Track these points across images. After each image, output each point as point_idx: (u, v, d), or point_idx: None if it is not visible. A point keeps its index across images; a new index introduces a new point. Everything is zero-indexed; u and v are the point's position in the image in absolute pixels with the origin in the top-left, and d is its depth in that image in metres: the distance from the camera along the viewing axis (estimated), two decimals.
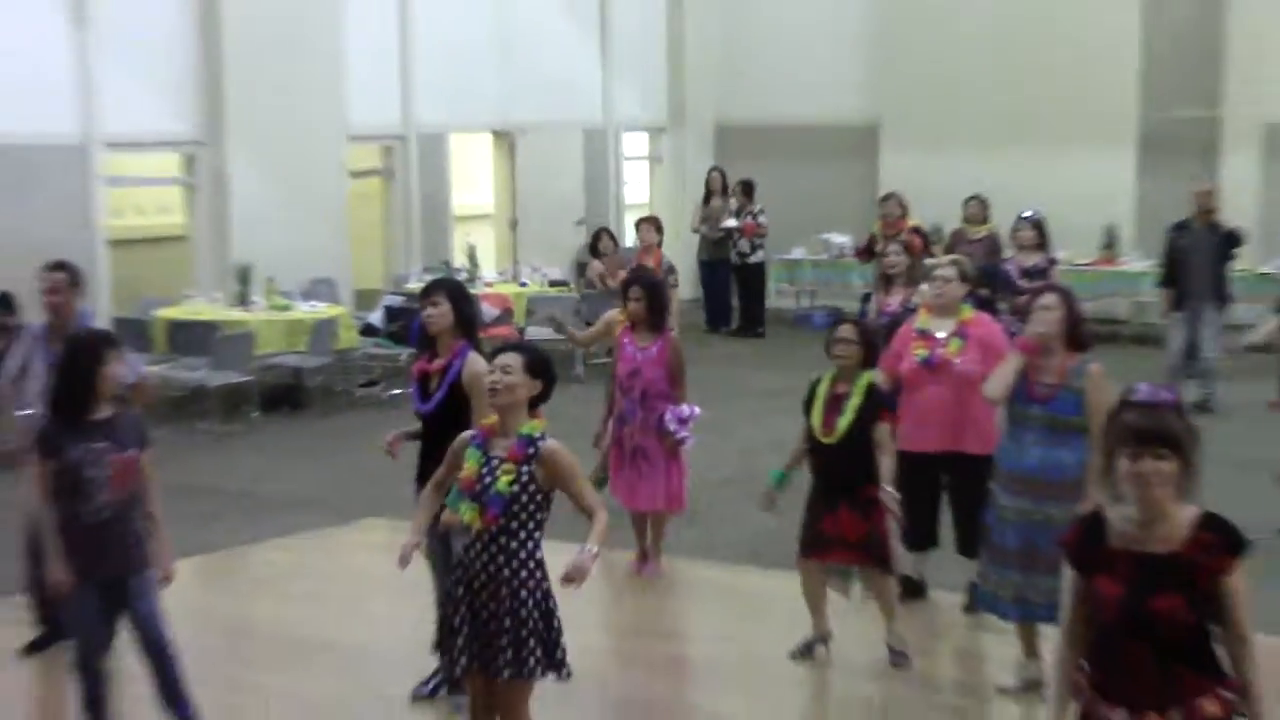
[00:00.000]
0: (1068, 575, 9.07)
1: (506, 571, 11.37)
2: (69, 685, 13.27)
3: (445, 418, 13.75)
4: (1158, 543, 8.59)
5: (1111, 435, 8.68)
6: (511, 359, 11.37)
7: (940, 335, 16.40)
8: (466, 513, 11.42)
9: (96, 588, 12.85)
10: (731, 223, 35.59)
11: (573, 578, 11.15)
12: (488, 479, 11.32)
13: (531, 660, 11.38)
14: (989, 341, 16.18)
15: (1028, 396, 14.18)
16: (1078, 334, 14.27)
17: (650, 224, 26.60)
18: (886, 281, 19.65)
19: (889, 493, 14.65)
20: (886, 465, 14.82)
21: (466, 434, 11.72)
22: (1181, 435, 8.54)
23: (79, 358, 12.96)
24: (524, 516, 11.35)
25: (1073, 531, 9.16)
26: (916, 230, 28.68)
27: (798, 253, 36.34)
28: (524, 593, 11.33)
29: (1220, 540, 8.56)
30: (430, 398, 14.16)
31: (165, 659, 13.08)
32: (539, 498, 11.42)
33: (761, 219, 35.63)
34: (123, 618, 13.04)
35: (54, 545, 12.76)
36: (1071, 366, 14.12)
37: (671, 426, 17.71)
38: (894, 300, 18.95)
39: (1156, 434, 8.46)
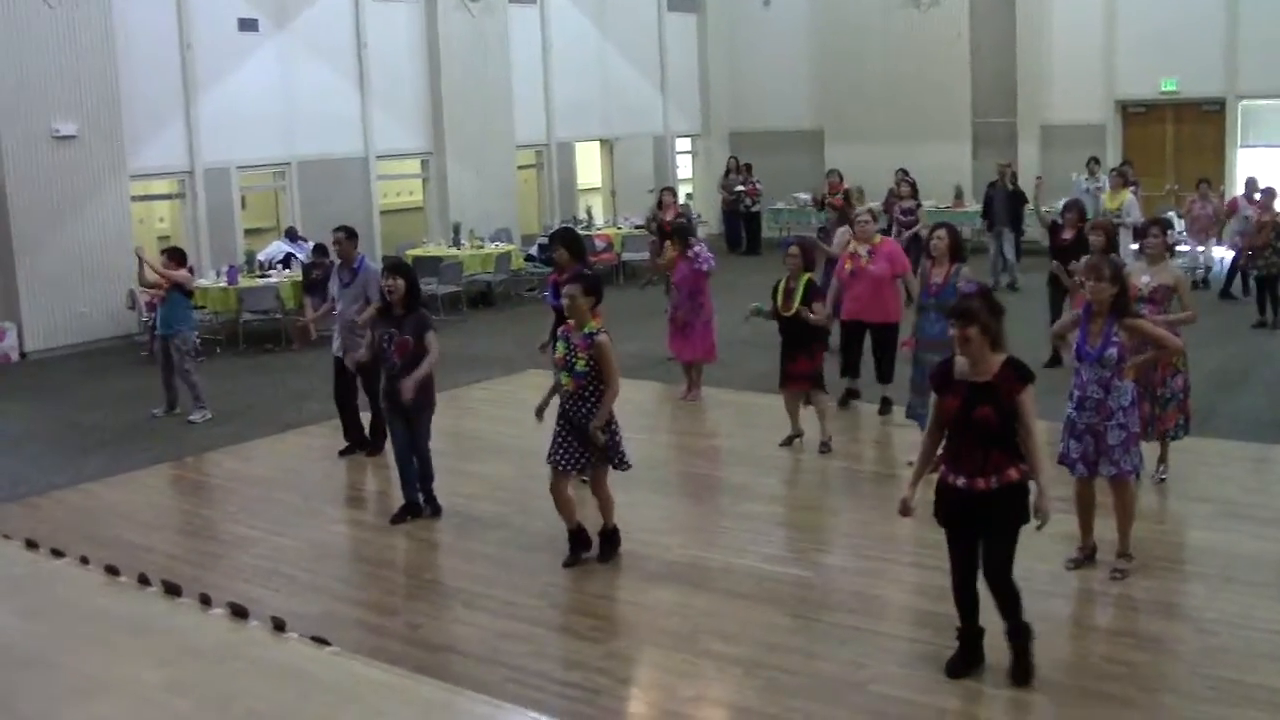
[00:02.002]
0: (932, 396, 9.19)
1: (585, 411, 11.44)
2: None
3: None
4: (979, 376, 8.79)
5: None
6: (574, 288, 11.64)
7: (861, 254, 16.36)
8: (564, 380, 11.56)
9: (399, 415, 13.41)
10: (740, 188, 35.43)
11: (589, 435, 11.50)
12: (571, 359, 11.46)
13: (594, 459, 11.62)
14: (892, 255, 16.63)
15: (927, 293, 14.29)
16: (958, 249, 14.29)
17: (670, 191, 26.30)
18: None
19: (815, 319, 15.08)
20: (819, 315, 15.02)
21: (560, 330, 11.90)
22: (979, 312, 8.81)
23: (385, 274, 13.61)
24: (595, 382, 11.46)
25: (936, 370, 9.26)
26: (847, 192, 28.77)
27: (779, 204, 36.11)
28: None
29: (1015, 374, 8.81)
30: (559, 297, 13.99)
31: (424, 455, 13.66)
32: (598, 370, 11.50)
33: (758, 185, 35.54)
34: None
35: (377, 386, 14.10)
36: (952, 270, 14.13)
37: (699, 255, 18.32)
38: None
39: (961, 312, 8.86)
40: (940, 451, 9.23)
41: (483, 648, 10.21)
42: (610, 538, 11.99)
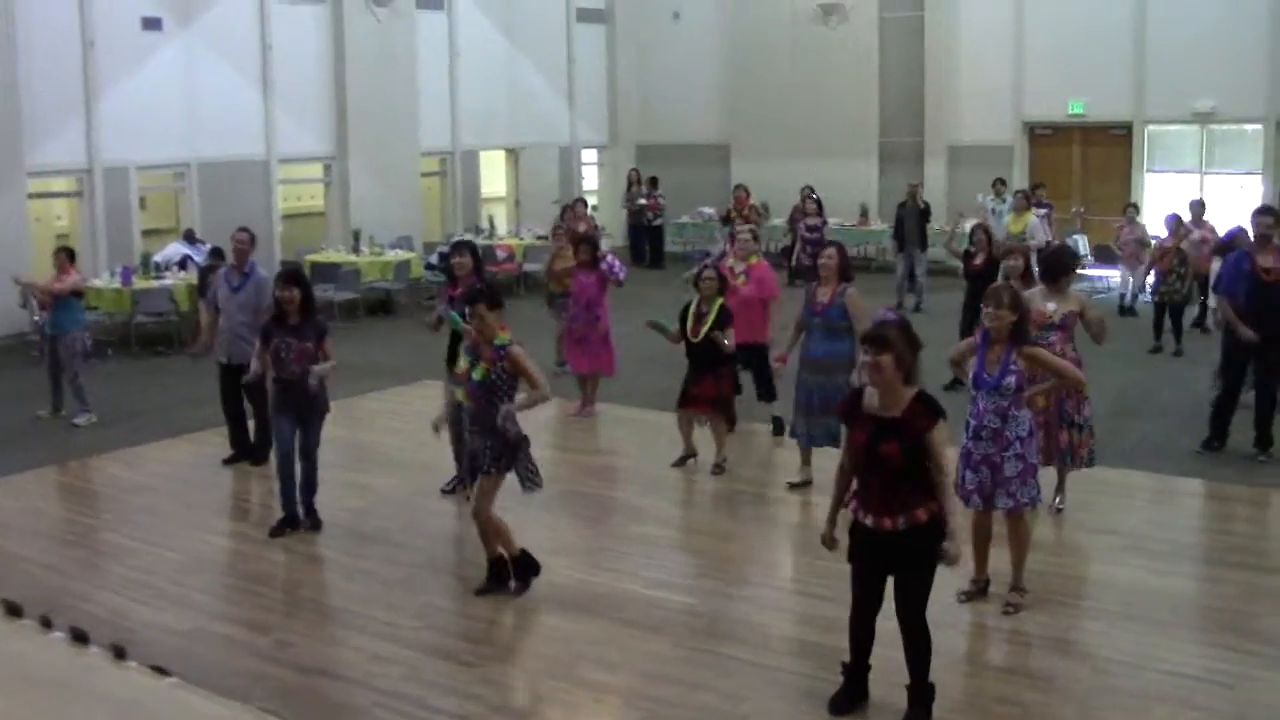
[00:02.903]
0: (843, 429, 8.93)
1: (484, 420, 10.97)
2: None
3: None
4: (889, 410, 8.43)
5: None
6: (479, 307, 11.09)
7: (737, 271, 16.22)
8: (460, 395, 11.31)
9: (289, 419, 13.10)
10: (643, 202, 35.30)
11: (505, 418, 10.94)
12: (471, 371, 11.00)
13: (492, 468, 11.04)
14: (763, 280, 16.45)
15: (811, 312, 13.98)
16: (846, 269, 14.10)
17: (581, 203, 26.26)
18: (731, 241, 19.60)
19: (726, 345, 14.87)
20: (729, 340, 14.74)
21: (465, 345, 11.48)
22: (895, 341, 8.42)
23: (278, 286, 13.36)
24: (499, 393, 10.91)
25: (844, 400, 9.03)
26: (753, 207, 28.84)
27: (684, 218, 35.95)
28: (495, 435, 10.95)
29: (926, 410, 8.43)
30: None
31: (312, 462, 13.24)
32: (508, 381, 10.97)
33: (661, 199, 35.41)
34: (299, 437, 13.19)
35: (268, 394, 13.72)
36: (839, 290, 13.90)
37: (613, 267, 18.38)
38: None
39: (876, 340, 8.42)
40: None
41: (355, 670, 9.80)
42: (521, 564, 11.46)
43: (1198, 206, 24.59)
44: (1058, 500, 13.35)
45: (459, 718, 9.05)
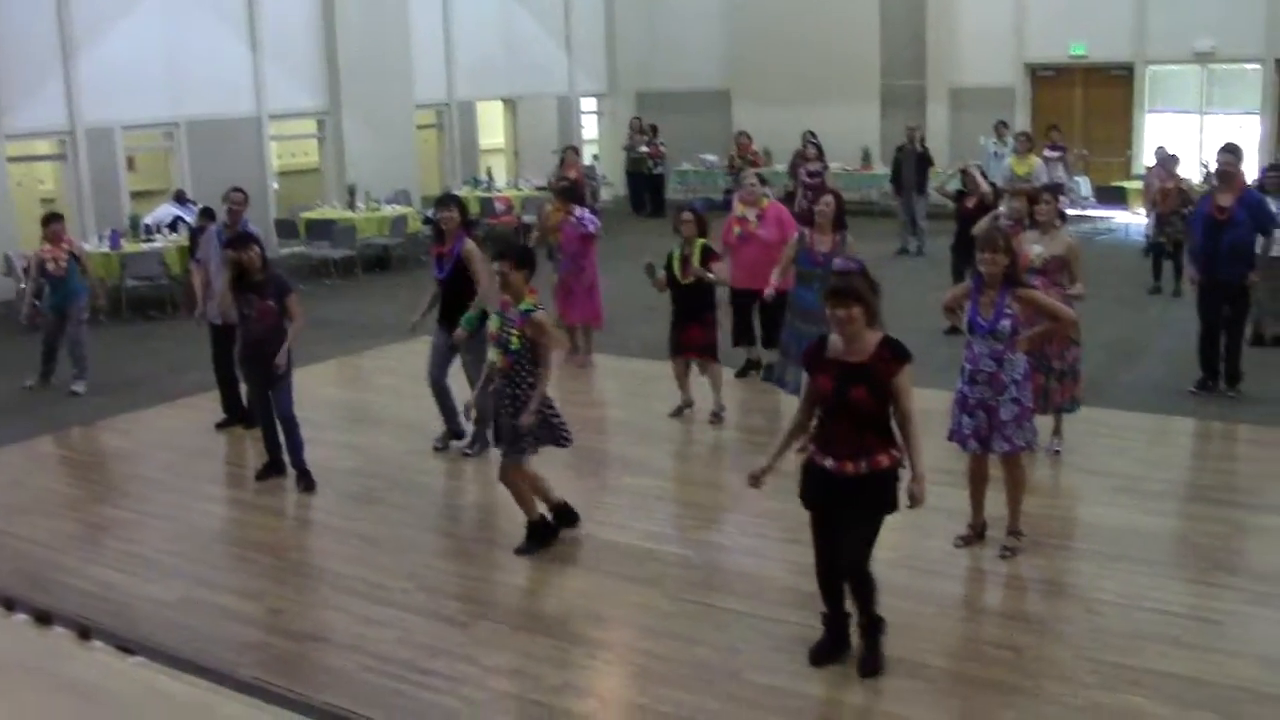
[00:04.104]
0: (804, 375, 8.91)
1: (518, 391, 11.02)
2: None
3: (453, 281, 13.80)
4: (854, 355, 8.51)
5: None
6: (504, 263, 11.10)
7: (749, 218, 16.21)
8: (496, 356, 11.21)
9: (256, 386, 13.50)
10: (644, 149, 35.37)
11: (525, 423, 11.02)
12: (505, 336, 11.01)
13: (524, 444, 11.17)
14: (781, 219, 16.50)
15: (813, 262, 14.10)
16: (841, 218, 14.27)
17: (573, 151, 26.35)
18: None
19: (715, 278, 14.99)
20: (720, 274, 14.91)
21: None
22: (861, 290, 8.55)
23: (233, 249, 13.29)
24: (528, 360, 10.99)
25: (809, 347, 8.99)
26: (755, 152, 29.13)
27: (685, 165, 36.07)
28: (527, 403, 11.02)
29: (892, 354, 8.52)
30: (443, 269, 13.85)
31: (291, 426, 13.34)
32: (533, 351, 11.02)
33: (662, 147, 35.50)
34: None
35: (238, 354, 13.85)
36: (838, 240, 14.10)
37: (582, 219, 18.37)
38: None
39: (842, 291, 8.54)
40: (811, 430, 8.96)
41: (346, 635, 9.87)
42: (562, 513, 11.76)
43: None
44: (1055, 442, 13.48)
45: (450, 679, 9.11)
